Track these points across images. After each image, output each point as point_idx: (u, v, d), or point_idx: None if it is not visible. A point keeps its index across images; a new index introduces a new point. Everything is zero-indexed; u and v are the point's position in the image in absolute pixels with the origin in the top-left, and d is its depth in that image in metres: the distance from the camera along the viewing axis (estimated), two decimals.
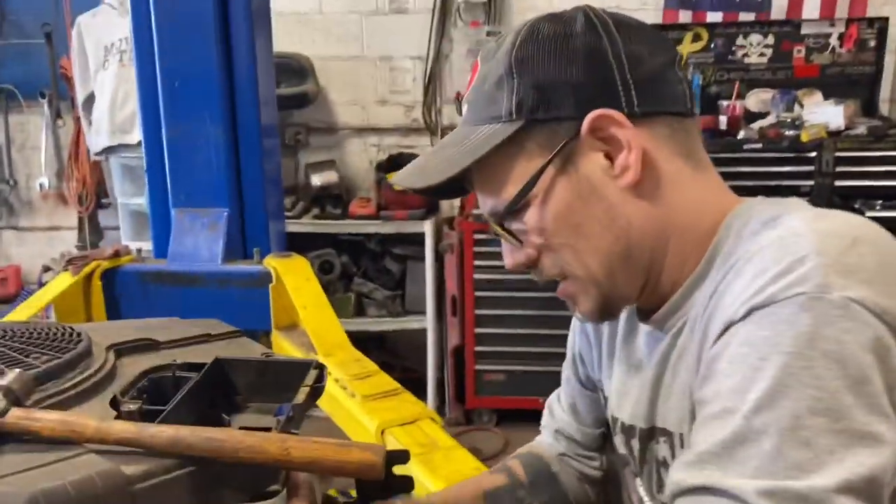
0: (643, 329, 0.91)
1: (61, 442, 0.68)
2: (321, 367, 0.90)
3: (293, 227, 3.57)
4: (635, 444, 0.92)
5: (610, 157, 0.80)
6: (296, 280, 2.37)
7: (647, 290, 0.86)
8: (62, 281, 2.38)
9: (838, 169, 3.20)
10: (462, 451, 1.57)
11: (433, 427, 1.81)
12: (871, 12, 3.58)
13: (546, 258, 0.85)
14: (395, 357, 4.02)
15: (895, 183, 3.18)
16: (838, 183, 3.20)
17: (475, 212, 3.39)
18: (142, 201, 3.40)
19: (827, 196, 3.17)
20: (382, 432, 1.72)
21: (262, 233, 2.62)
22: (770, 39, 3.64)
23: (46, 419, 0.68)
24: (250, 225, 2.63)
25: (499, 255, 3.62)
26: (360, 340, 3.93)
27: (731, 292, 0.72)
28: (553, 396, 1.16)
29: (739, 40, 3.64)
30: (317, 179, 3.69)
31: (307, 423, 0.86)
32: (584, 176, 0.81)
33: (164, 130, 2.49)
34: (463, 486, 1.08)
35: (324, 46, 3.87)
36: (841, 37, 3.60)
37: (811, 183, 3.21)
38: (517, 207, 0.83)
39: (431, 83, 3.89)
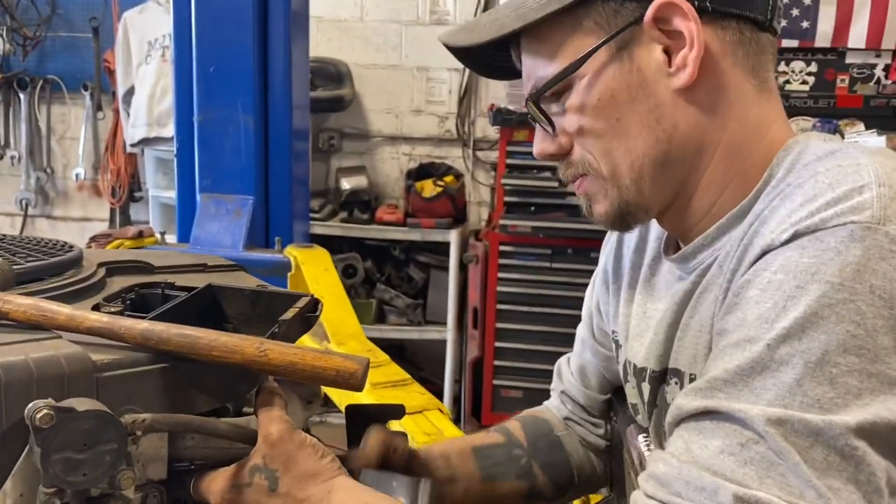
0: (665, 268, 0.86)
1: (34, 327, 0.66)
2: (316, 300, 0.87)
3: (320, 229, 3.56)
4: (645, 387, 0.87)
5: (668, 53, 0.74)
6: (314, 270, 2.35)
7: (676, 209, 0.80)
8: None
9: None
10: None
11: (440, 417, 1.77)
12: None
13: (577, 150, 0.79)
14: (413, 368, 3.96)
15: None
16: None
17: (501, 221, 3.35)
18: (173, 194, 3.43)
19: None
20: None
21: (286, 229, 2.61)
22: (813, 67, 3.58)
23: (18, 302, 0.66)
24: (275, 220, 2.63)
25: (523, 269, 3.52)
26: (380, 349, 3.92)
27: (775, 217, 0.66)
28: (563, 359, 1.12)
29: (781, 66, 3.59)
30: (346, 184, 3.69)
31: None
32: (636, 67, 0.75)
33: (195, 115, 2.51)
34: (453, 441, 1.03)
35: (363, 54, 3.89)
36: (887, 68, 3.52)
37: None
38: (560, 86, 0.76)
39: (467, 95, 3.89)
